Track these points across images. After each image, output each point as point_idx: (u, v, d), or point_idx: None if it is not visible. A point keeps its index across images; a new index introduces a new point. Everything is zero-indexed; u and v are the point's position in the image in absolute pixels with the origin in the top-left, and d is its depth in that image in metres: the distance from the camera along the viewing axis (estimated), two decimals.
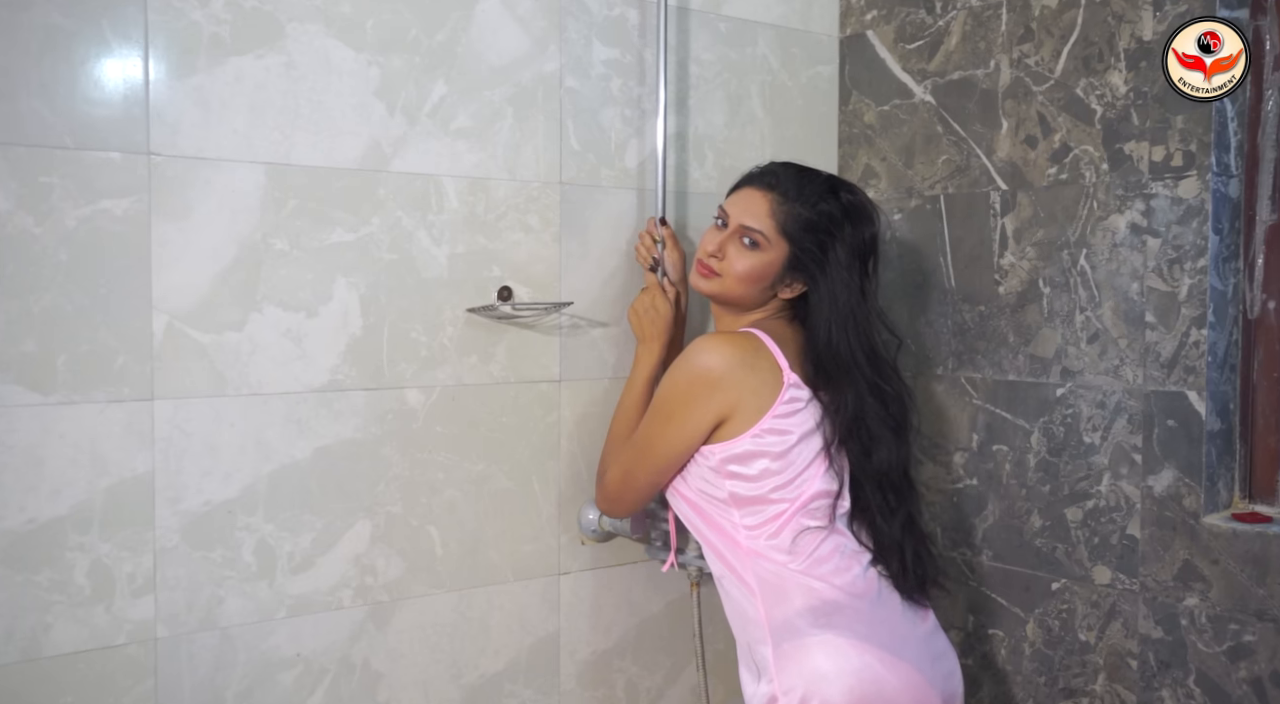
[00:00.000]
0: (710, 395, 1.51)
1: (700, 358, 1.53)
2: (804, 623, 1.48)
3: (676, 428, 1.55)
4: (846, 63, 2.17)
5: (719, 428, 1.53)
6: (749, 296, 1.63)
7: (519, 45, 1.78)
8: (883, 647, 1.47)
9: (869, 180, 2.13)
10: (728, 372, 1.51)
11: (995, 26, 1.90)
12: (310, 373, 1.61)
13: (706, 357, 1.53)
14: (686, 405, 1.53)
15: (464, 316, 1.74)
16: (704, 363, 1.53)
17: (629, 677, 1.96)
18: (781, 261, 1.60)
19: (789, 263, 1.60)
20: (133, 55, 1.46)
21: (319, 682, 1.65)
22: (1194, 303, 1.64)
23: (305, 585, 1.62)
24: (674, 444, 1.56)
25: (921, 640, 1.54)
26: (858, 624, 1.48)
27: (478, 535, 1.78)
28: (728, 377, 1.51)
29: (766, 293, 1.63)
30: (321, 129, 1.61)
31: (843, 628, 1.47)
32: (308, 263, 1.60)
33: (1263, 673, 1.57)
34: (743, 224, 1.60)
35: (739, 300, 1.64)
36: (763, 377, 1.52)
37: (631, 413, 1.72)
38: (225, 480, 1.56)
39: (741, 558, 1.53)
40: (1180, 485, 1.66)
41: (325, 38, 1.60)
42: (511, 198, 1.78)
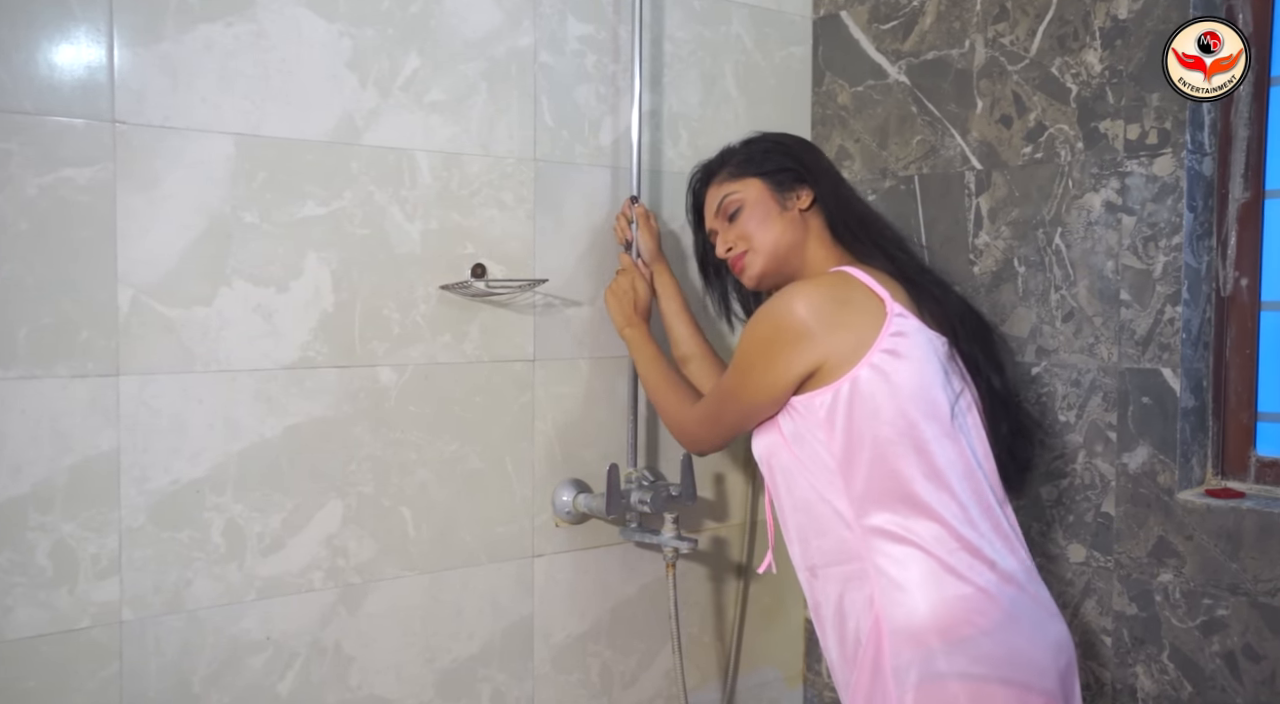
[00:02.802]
0: (794, 346, 1.37)
1: (780, 305, 1.40)
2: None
3: (756, 379, 1.42)
4: (820, 43, 2.17)
5: (811, 379, 1.39)
6: (784, 242, 1.53)
7: (493, 19, 1.76)
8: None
9: (843, 161, 2.12)
10: (812, 316, 1.37)
11: (970, 6, 1.90)
12: (281, 349, 1.58)
13: (787, 303, 1.39)
14: (766, 356, 1.40)
15: (437, 294, 1.71)
16: (784, 310, 1.39)
17: (603, 660, 1.94)
18: (765, 189, 1.56)
19: (772, 185, 1.56)
20: (97, 20, 1.42)
21: (289, 665, 1.61)
22: (1168, 280, 1.65)
23: (275, 567, 1.59)
24: (755, 395, 1.43)
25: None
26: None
27: (450, 517, 1.75)
28: (813, 323, 1.37)
29: (796, 227, 1.54)
30: (293, 100, 1.57)
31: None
32: (278, 237, 1.57)
33: (1235, 646, 1.58)
34: (713, 215, 1.62)
35: (785, 254, 1.54)
36: (858, 311, 1.38)
37: (670, 383, 1.68)
38: (193, 459, 1.52)
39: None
40: (1155, 462, 1.67)
41: (296, 6, 1.57)
42: (485, 174, 1.76)
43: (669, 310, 1.83)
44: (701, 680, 2.08)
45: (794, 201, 1.55)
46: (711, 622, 2.09)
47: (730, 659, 2.11)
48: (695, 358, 1.80)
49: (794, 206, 1.55)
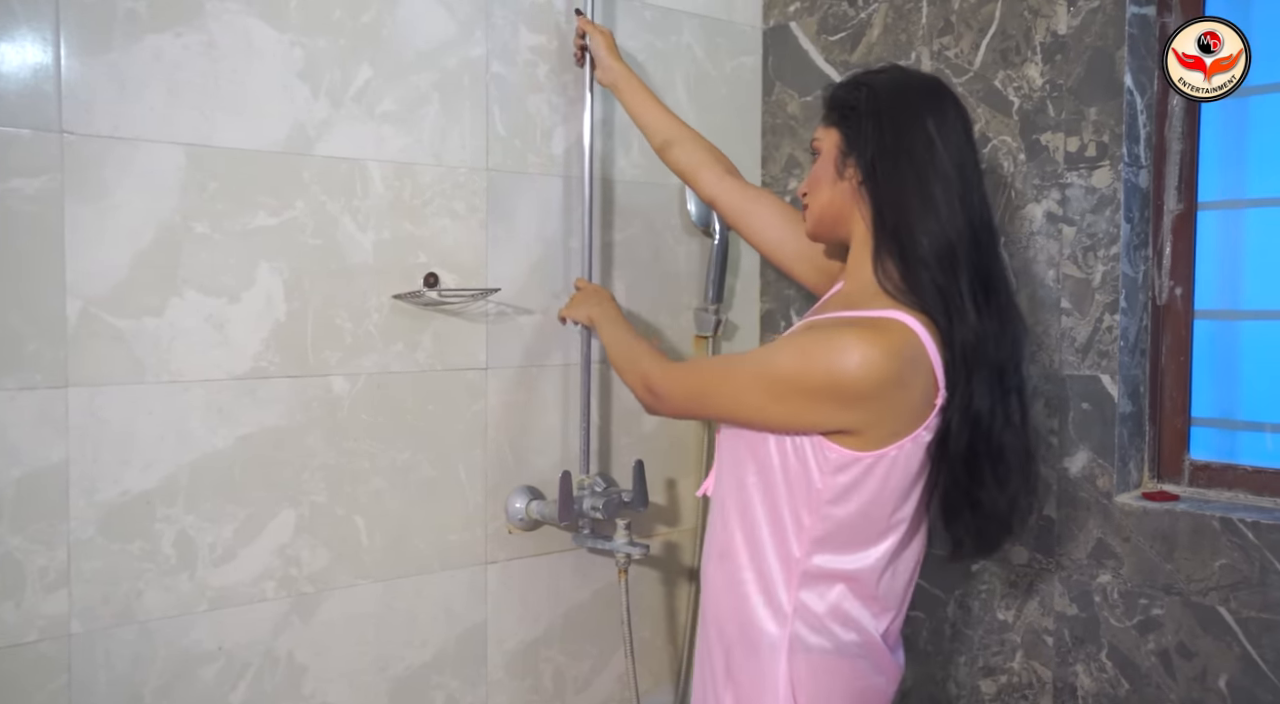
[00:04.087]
0: (841, 407, 1.27)
1: (842, 360, 1.24)
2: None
3: (780, 412, 1.31)
4: (770, 53, 2.20)
5: (841, 434, 1.30)
6: (830, 211, 1.41)
7: (445, 30, 1.76)
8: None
9: (793, 170, 2.15)
10: (871, 387, 1.24)
11: (916, 19, 1.93)
12: (232, 360, 1.58)
13: (850, 360, 1.24)
14: (806, 402, 1.28)
15: (390, 303, 1.72)
16: (844, 367, 1.24)
17: (556, 665, 1.96)
18: (837, 147, 1.39)
19: (844, 144, 1.38)
20: (43, 29, 1.41)
21: (241, 675, 1.61)
22: (1107, 289, 1.69)
23: (227, 577, 1.59)
24: (765, 419, 1.33)
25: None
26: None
27: (404, 525, 1.76)
28: (870, 394, 1.25)
29: (846, 199, 1.39)
30: (243, 110, 1.57)
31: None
32: (230, 247, 1.56)
33: (1170, 645, 1.63)
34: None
35: (831, 223, 1.42)
36: (915, 390, 1.28)
37: (640, 337, 1.62)
38: (144, 470, 1.51)
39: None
40: (1094, 466, 1.71)
41: (247, 17, 1.57)
42: (438, 183, 1.76)
43: (635, 102, 1.76)
44: (654, 684, 2.10)
45: (850, 170, 1.37)
46: (664, 626, 2.12)
47: (682, 662, 2.14)
48: (677, 141, 1.72)
49: (850, 177, 1.37)
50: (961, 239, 1.31)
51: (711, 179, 1.69)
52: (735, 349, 2.20)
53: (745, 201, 1.68)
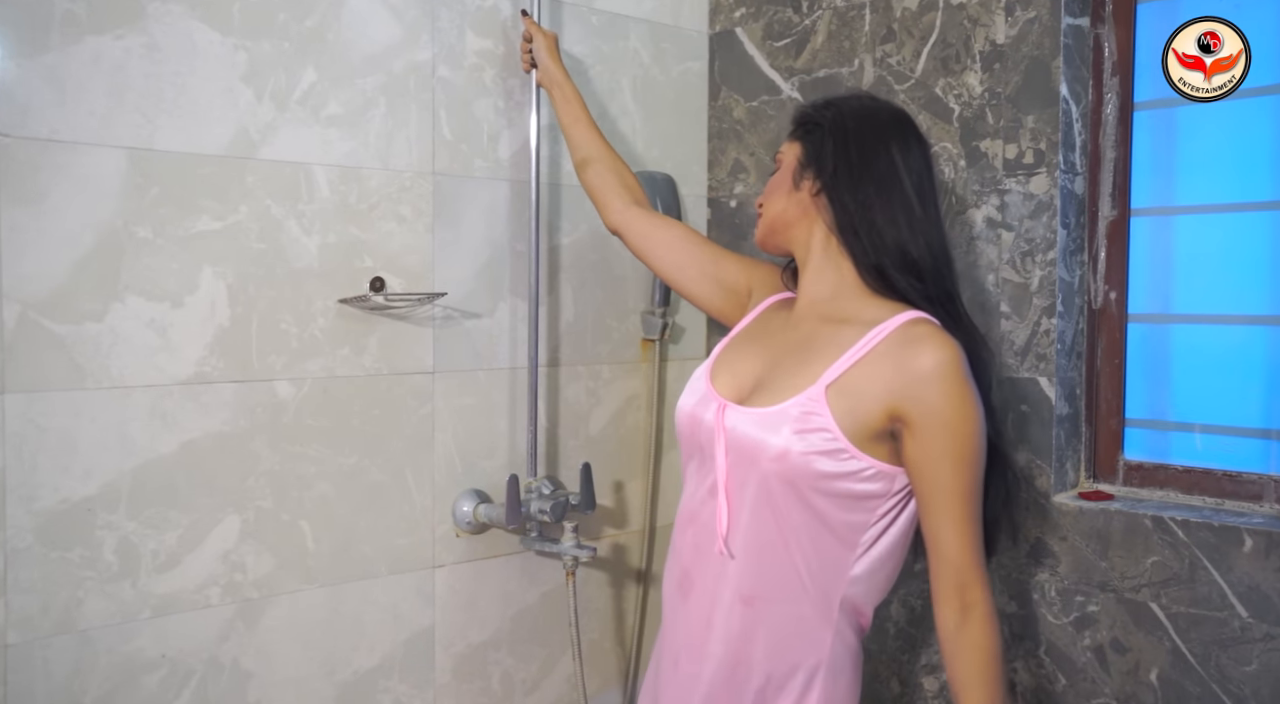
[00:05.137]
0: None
1: (952, 352, 1.31)
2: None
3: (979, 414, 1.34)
4: (716, 58, 2.22)
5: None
6: (781, 220, 1.47)
7: (391, 33, 1.76)
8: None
9: (738, 175, 2.17)
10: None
11: (859, 26, 1.96)
12: (175, 365, 1.56)
13: (955, 351, 1.32)
14: (972, 391, 1.34)
15: (335, 307, 1.71)
16: (957, 355, 1.32)
17: (504, 668, 1.96)
18: (798, 159, 1.46)
19: (802, 158, 1.45)
20: None
21: (185, 683, 1.60)
22: (1044, 293, 1.73)
23: (171, 584, 1.57)
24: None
25: None
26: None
27: (350, 529, 1.75)
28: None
29: (798, 209, 1.45)
30: (186, 113, 1.56)
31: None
32: (172, 251, 1.55)
33: (1104, 640, 1.67)
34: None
35: (781, 231, 1.48)
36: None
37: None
38: (84, 477, 1.49)
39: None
40: (1032, 467, 1.75)
41: (189, 19, 1.55)
42: (384, 187, 1.76)
43: (565, 110, 1.80)
44: (602, 685, 2.11)
45: (805, 183, 1.44)
46: (612, 627, 2.13)
47: (630, 664, 2.15)
48: (595, 161, 1.76)
49: (805, 189, 1.44)
50: (923, 258, 1.38)
51: (618, 206, 1.73)
52: (683, 352, 2.21)
53: (649, 228, 1.71)
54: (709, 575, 1.42)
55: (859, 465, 1.32)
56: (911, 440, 1.31)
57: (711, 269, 1.64)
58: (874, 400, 1.31)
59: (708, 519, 1.42)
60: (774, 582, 1.37)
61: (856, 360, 1.33)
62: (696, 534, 1.44)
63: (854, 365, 1.33)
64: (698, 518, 1.44)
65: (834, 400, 1.32)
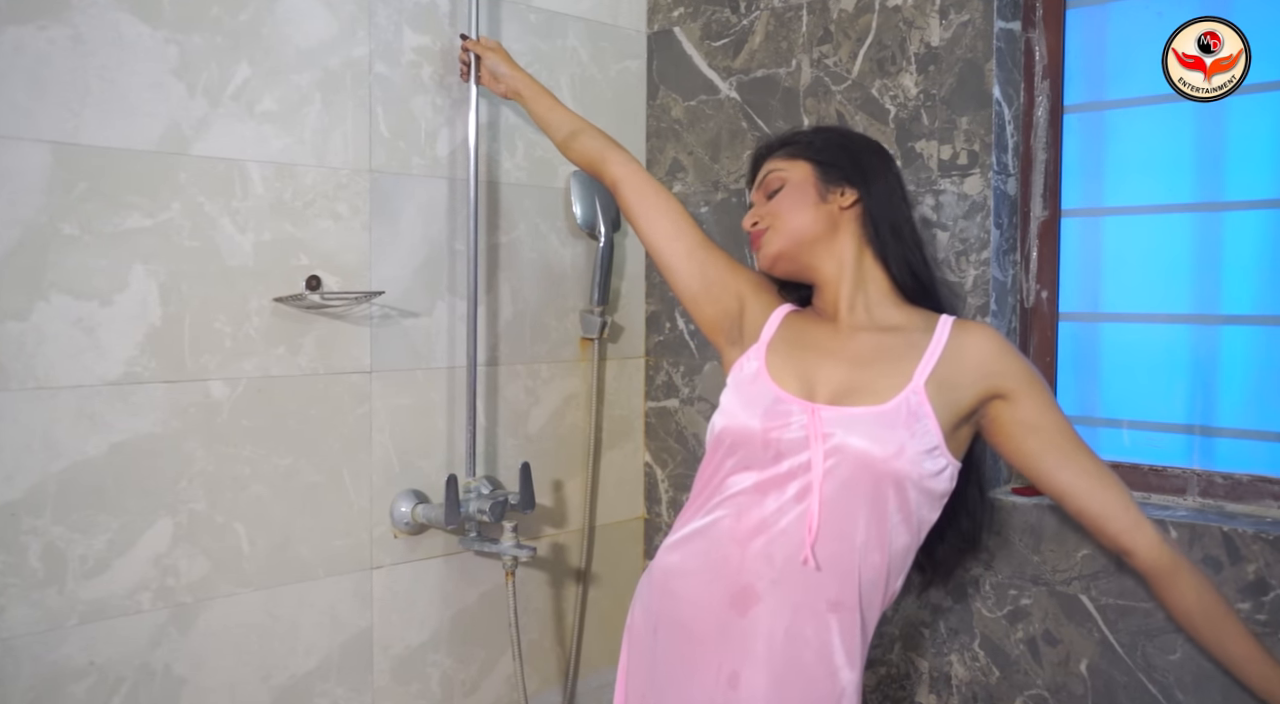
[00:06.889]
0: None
1: (1003, 341, 1.44)
2: None
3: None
4: (654, 58, 2.22)
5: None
6: (810, 233, 1.46)
7: (327, 29, 1.74)
8: None
9: (677, 174, 2.18)
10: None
11: (796, 28, 1.98)
12: (104, 365, 1.53)
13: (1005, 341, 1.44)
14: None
15: (271, 306, 1.69)
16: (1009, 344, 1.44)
17: (444, 669, 1.95)
18: (812, 175, 1.48)
19: (820, 174, 1.48)
20: None
21: (115, 691, 1.56)
22: (979, 292, 1.76)
23: (100, 590, 1.54)
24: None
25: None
26: None
27: (287, 531, 1.73)
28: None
29: (828, 223, 1.46)
30: (114, 108, 1.52)
31: None
32: (101, 249, 1.51)
33: (1036, 633, 1.70)
34: (755, 187, 1.54)
35: (808, 245, 1.47)
36: None
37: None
38: (7, 481, 1.45)
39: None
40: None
41: (116, 11, 1.52)
42: (320, 185, 1.74)
43: (540, 106, 1.79)
44: (542, 685, 2.10)
45: (835, 196, 1.46)
46: (551, 627, 2.12)
47: (570, 663, 2.15)
48: (583, 131, 1.73)
49: (834, 201, 1.46)
50: (929, 267, 1.51)
51: (621, 158, 1.66)
52: (621, 352, 2.21)
53: (649, 189, 1.63)
54: (788, 585, 1.36)
55: (944, 463, 1.38)
56: (1015, 409, 1.40)
57: (701, 254, 1.58)
58: (967, 390, 1.39)
59: (788, 527, 1.36)
60: (864, 586, 1.37)
61: (938, 357, 1.39)
62: (769, 543, 1.36)
63: (939, 362, 1.39)
64: (769, 527, 1.37)
65: (933, 394, 1.37)
